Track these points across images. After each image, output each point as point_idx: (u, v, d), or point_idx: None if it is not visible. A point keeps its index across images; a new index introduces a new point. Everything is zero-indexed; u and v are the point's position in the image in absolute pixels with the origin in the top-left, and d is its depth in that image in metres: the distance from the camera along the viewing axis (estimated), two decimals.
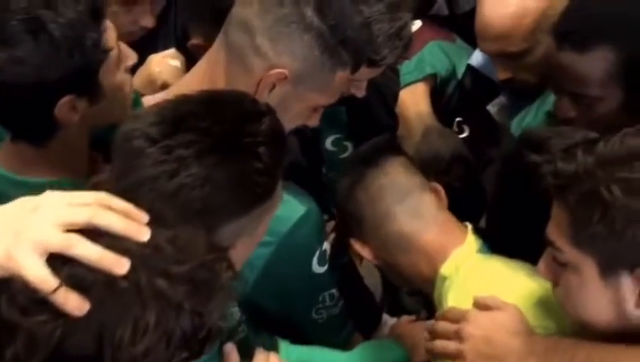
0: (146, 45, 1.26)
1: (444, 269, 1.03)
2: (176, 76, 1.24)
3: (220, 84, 0.99)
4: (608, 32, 1.10)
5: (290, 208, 0.98)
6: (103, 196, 0.63)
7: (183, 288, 0.61)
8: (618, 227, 0.74)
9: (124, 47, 0.97)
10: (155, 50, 1.30)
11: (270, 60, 0.96)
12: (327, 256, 1.08)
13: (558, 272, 0.83)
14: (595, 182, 0.75)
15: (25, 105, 0.88)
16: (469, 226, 1.08)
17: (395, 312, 1.42)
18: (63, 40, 0.84)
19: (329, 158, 1.47)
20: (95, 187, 0.69)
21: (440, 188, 1.12)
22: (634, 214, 0.74)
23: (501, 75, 1.39)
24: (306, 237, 1.03)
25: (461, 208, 1.45)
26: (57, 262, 0.59)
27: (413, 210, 1.07)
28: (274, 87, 0.97)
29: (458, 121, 1.58)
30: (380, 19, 1.15)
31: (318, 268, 1.06)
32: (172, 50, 1.31)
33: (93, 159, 1.00)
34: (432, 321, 0.99)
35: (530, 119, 1.36)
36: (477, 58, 1.49)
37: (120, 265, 0.59)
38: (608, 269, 0.77)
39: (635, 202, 0.74)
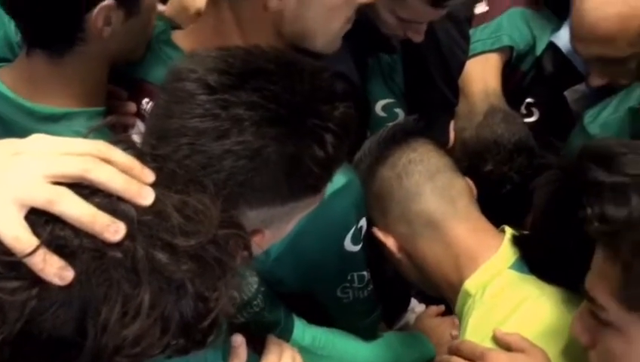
0: None
1: (470, 285, 0.92)
2: None
3: (229, 23, 0.88)
4: None
5: None
6: (101, 146, 0.52)
7: (187, 265, 0.51)
8: None
9: None
10: None
11: None
12: (363, 235, 0.97)
13: (598, 333, 0.71)
14: None
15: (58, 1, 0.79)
16: (507, 232, 0.95)
17: (425, 298, 1.32)
18: None
19: (377, 124, 1.35)
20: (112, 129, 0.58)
21: (472, 183, 1.00)
22: None
23: (595, 80, 1.23)
24: (344, 210, 0.93)
25: (512, 205, 1.33)
26: (39, 219, 0.49)
27: (443, 190, 0.97)
28: None
29: (528, 103, 1.43)
30: None
31: (351, 246, 0.96)
32: None
33: (115, 94, 0.90)
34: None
35: (607, 114, 1.21)
36: (563, 38, 1.32)
37: (113, 230, 0.49)
38: None
39: None
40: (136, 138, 0.61)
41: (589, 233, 0.70)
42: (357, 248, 0.96)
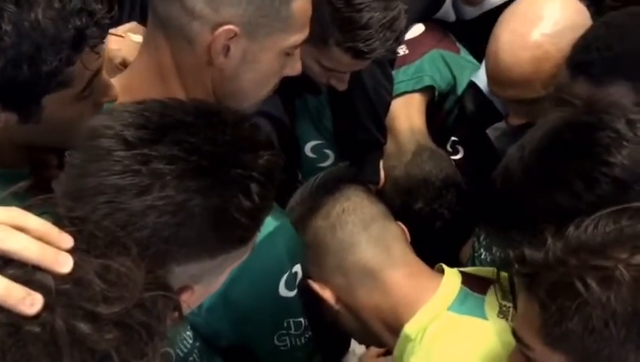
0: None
1: (410, 328, 0.92)
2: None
3: (169, 67, 0.86)
4: (627, 67, 1.01)
5: None
6: (13, 213, 0.49)
7: (112, 334, 0.49)
8: (596, 325, 0.66)
9: (106, 81, 0.81)
10: (119, 23, 1.16)
11: (210, 20, 0.82)
12: (298, 281, 0.95)
13: None
14: (567, 271, 0.67)
15: None
16: (446, 271, 0.96)
17: None
18: (13, 43, 0.67)
19: (307, 165, 1.36)
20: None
21: (404, 228, 1.01)
22: (612, 311, 0.65)
23: (513, 120, 1.27)
24: (276, 255, 0.91)
25: (446, 238, 1.35)
26: None
27: (379, 238, 0.96)
28: (228, 49, 0.84)
29: (453, 141, 1.47)
30: (373, 7, 1.05)
31: (285, 292, 0.94)
32: (133, 24, 1.16)
33: (42, 161, 0.84)
34: None
35: None
36: (482, 78, 1.36)
37: (29, 302, 0.46)
38: None
39: (614, 296, 0.65)
40: None
41: (512, 274, 0.72)
42: (292, 294, 0.94)
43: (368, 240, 0.96)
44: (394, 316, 0.94)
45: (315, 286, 0.98)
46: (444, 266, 0.97)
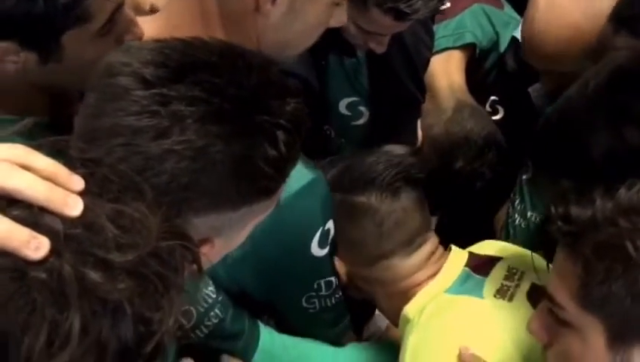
0: None
1: (408, 310, 0.95)
2: None
3: (212, 11, 0.82)
4: None
5: (293, 173, 0.82)
6: (19, 150, 0.46)
7: (124, 283, 0.45)
8: None
9: (129, 17, 0.77)
10: None
11: None
12: (330, 238, 0.92)
13: (555, 332, 0.71)
14: (618, 232, 0.65)
15: None
16: (452, 252, 0.98)
17: None
18: None
19: (341, 123, 1.31)
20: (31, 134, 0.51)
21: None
22: None
23: (547, 85, 1.23)
24: (310, 210, 0.87)
25: (484, 201, 1.30)
26: None
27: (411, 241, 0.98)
28: None
29: (493, 100, 1.41)
30: None
31: (317, 250, 0.90)
32: None
33: (66, 98, 0.81)
34: None
35: None
36: None
37: (34, 246, 0.43)
38: (620, 339, 0.67)
39: None
40: None
41: (551, 233, 0.70)
42: (324, 252, 0.91)
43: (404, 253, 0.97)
44: (404, 299, 0.96)
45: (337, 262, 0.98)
46: (453, 247, 0.98)
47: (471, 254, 0.98)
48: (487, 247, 1.02)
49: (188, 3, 0.85)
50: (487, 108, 1.42)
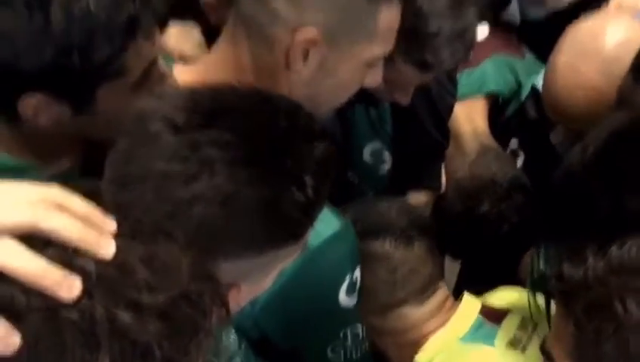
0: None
1: (419, 359, 0.96)
2: (196, 46, 1.09)
3: (246, 65, 0.84)
4: None
5: (322, 220, 0.81)
6: (55, 192, 0.47)
7: (154, 325, 0.45)
8: (632, 350, 0.62)
9: (162, 70, 0.79)
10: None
11: (292, 23, 0.79)
12: (358, 287, 0.91)
13: None
14: (607, 291, 0.64)
15: None
16: (462, 302, 0.98)
17: None
18: (63, 31, 0.65)
19: (365, 169, 1.31)
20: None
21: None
22: None
23: (564, 137, 1.24)
24: (339, 258, 0.87)
25: (509, 247, 1.28)
26: None
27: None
28: (307, 53, 0.81)
29: (513, 148, 1.40)
30: (442, 14, 0.98)
31: (345, 299, 0.89)
32: (189, 21, 1.16)
33: (101, 144, 0.82)
34: None
35: None
36: None
37: (67, 286, 0.43)
38: None
39: None
40: None
41: (550, 290, 0.70)
42: (351, 301, 0.90)
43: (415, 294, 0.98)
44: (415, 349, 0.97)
45: None
46: (465, 295, 0.99)
47: (483, 304, 0.98)
48: (502, 296, 1.01)
49: (223, 55, 0.87)
50: (508, 152, 1.42)
